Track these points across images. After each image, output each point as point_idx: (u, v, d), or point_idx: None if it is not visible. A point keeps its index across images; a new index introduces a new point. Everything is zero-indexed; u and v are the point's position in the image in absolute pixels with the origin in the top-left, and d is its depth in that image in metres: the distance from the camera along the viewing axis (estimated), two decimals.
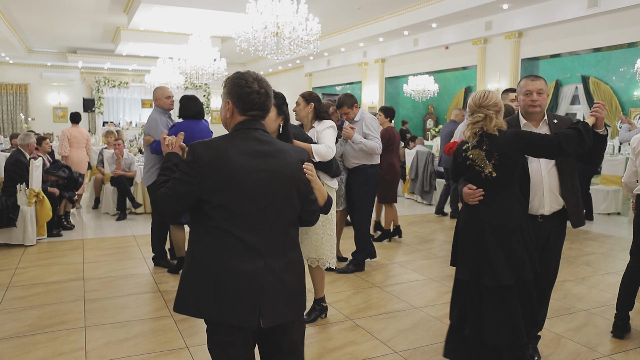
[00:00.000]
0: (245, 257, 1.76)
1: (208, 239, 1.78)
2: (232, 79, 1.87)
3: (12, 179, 5.80)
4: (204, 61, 11.31)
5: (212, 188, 1.75)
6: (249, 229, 1.78)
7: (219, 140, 1.83)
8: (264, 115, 1.91)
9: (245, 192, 1.76)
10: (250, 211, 1.77)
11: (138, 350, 3.23)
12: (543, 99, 2.90)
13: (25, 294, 4.24)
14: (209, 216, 1.78)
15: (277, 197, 1.82)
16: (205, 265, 1.77)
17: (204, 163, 1.75)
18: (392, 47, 13.59)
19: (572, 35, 9.72)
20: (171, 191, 1.80)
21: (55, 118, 18.86)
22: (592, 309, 4.01)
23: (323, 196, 2.05)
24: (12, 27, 13.45)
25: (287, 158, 1.86)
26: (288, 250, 1.87)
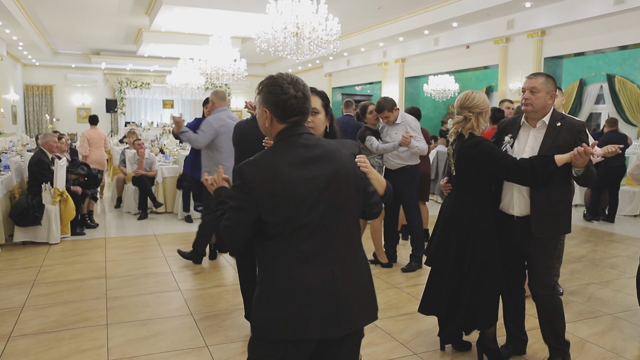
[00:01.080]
0: (315, 267, 1.69)
1: (274, 257, 1.71)
2: (266, 85, 1.75)
3: (36, 179, 5.92)
4: (224, 62, 11.38)
5: (269, 207, 1.66)
6: (314, 238, 1.69)
7: (265, 155, 1.72)
8: (306, 119, 1.80)
9: (304, 203, 1.67)
10: (313, 220, 1.69)
11: (158, 348, 3.26)
12: (536, 98, 2.80)
13: (50, 291, 4.33)
14: (271, 235, 1.70)
15: (338, 199, 1.73)
16: (276, 285, 1.70)
17: (255, 184, 1.66)
18: (412, 47, 13.49)
19: (597, 33, 9.51)
20: (232, 222, 1.70)
21: (79, 119, 19.21)
22: (618, 313, 3.92)
23: (382, 185, 1.96)
24: (39, 30, 13.75)
25: (339, 157, 1.77)
26: (355, 252, 1.80)
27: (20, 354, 3.17)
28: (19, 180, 6.62)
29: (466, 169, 2.92)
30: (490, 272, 2.92)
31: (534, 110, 2.83)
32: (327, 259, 1.71)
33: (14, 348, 3.24)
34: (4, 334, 3.45)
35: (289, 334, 1.68)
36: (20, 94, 17.99)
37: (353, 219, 1.80)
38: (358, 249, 1.83)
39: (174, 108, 20.86)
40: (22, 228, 5.80)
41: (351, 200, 1.77)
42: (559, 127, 2.80)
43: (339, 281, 1.71)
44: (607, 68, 12.35)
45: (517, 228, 2.91)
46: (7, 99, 15.73)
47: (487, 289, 2.95)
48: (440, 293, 3.07)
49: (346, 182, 1.75)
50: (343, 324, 1.71)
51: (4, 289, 4.39)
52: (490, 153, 2.81)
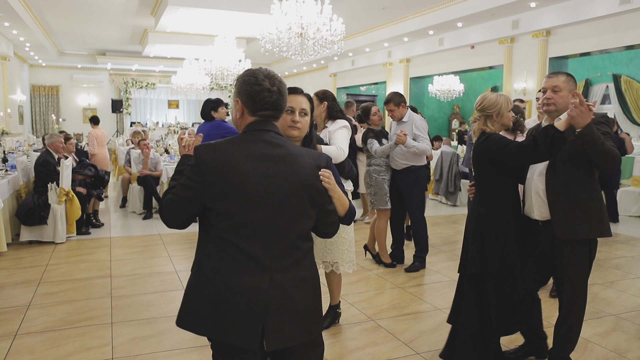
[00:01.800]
0: (249, 270, 1.61)
1: (212, 249, 1.65)
2: (242, 76, 1.72)
3: (42, 179, 5.97)
4: (229, 62, 11.43)
5: (216, 194, 1.61)
6: (254, 240, 1.62)
7: (226, 142, 1.67)
8: (277, 116, 1.74)
9: (250, 199, 1.61)
10: (256, 220, 1.61)
11: (163, 346, 3.29)
12: (559, 97, 2.67)
13: (56, 290, 4.36)
14: (213, 224, 1.64)
15: (287, 205, 1.65)
16: (207, 278, 1.64)
17: (207, 167, 1.61)
18: (417, 47, 13.49)
19: (602, 32, 9.48)
20: (175, 197, 1.67)
21: (85, 119, 19.29)
22: (622, 314, 3.91)
23: (344, 206, 1.83)
24: (45, 30, 13.84)
25: (300, 163, 1.68)
26: (298, 265, 1.69)
27: (26, 351, 3.20)
28: (25, 180, 6.67)
29: (481, 167, 2.90)
30: (506, 275, 2.86)
31: (556, 110, 2.69)
32: (265, 265, 1.62)
33: (20, 346, 3.27)
34: (11, 332, 3.48)
35: (209, 333, 1.63)
36: (27, 94, 18.12)
37: (301, 230, 1.70)
38: (305, 262, 1.71)
39: (179, 108, 20.95)
40: (28, 227, 5.85)
41: (302, 211, 1.68)
42: (596, 123, 2.60)
43: (274, 291, 1.61)
44: (613, 68, 12.31)
45: (543, 233, 2.79)
46: (14, 99, 15.85)
47: (500, 296, 2.88)
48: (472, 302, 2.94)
49: (300, 190, 1.66)
50: (271, 337, 1.60)
51: (11, 287, 4.43)
52: (496, 144, 2.76)
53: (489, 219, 2.85)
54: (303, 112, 2.17)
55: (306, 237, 1.73)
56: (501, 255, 2.83)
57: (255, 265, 1.61)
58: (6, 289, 4.39)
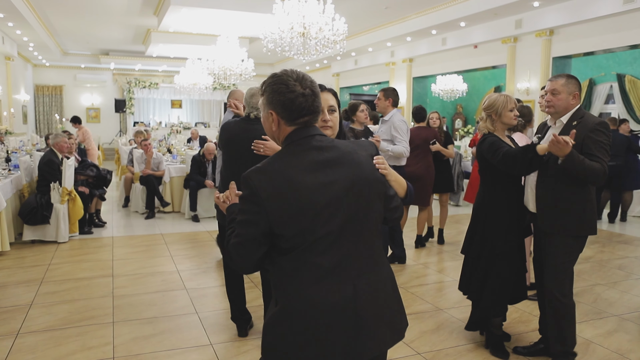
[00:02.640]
0: (331, 284, 1.51)
1: (289, 274, 1.54)
2: (270, 85, 1.57)
3: (45, 178, 5.99)
4: (232, 62, 11.42)
5: (282, 219, 1.48)
6: (332, 253, 1.52)
7: (274, 161, 1.54)
8: (316, 119, 1.61)
9: (320, 213, 1.49)
10: (332, 231, 1.51)
11: (164, 346, 3.29)
12: (557, 100, 2.87)
13: (58, 289, 4.37)
14: (286, 250, 1.52)
15: (358, 207, 1.56)
16: (291, 306, 1.53)
17: (265, 194, 1.48)
18: (420, 47, 13.47)
19: (606, 32, 9.44)
20: (240, 238, 1.53)
21: (89, 118, 19.36)
22: (624, 315, 3.89)
23: (402, 186, 1.79)
24: (49, 30, 13.88)
25: (356, 159, 1.59)
26: (378, 264, 1.63)
27: (28, 350, 3.21)
28: (28, 179, 6.69)
29: (481, 164, 3.15)
30: (496, 261, 3.07)
31: (556, 112, 2.91)
32: (347, 274, 1.54)
33: (22, 345, 3.28)
34: (12, 330, 3.49)
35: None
36: (30, 94, 18.18)
37: (375, 227, 1.63)
38: (381, 260, 1.65)
39: (182, 108, 20.99)
40: (31, 227, 5.87)
41: (372, 206, 1.61)
42: (574, 125, 2.81)
43: (362, 298, 1.54)
44: (617, 67, 12.25)
45: (535, 224, 3.05)
46: (18, 99, 15.90)
47: (492, 278, 3.10)
48: (468, 276, 3.28)
49: (367, 187, 1.58)
50: (368, 346, 1.55)
51: (13, 286, 4.44)
52: (489, 147, 3.01)
53: (491, 208, 3.10)
54: (332, 109, 2.05)
55: (379, 232, 1.67)
56: (503, 240, 3.05)
57: (339, 276, 1.53)
58: (9, 288, 4.41)
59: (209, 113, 21.12)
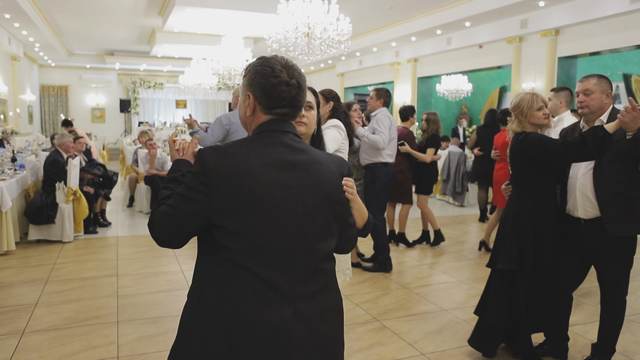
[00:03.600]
0: (269, 301, 1.34)
1: (220, 274, 1.35)
2: (255, 66, 1.44)
3: (51, 178, 6.01)
4: (237, 62, 11.45)
5: (227, 209, 1.33)
6: (275, 265, 1.35)
7: (237, 145, 1.39)
8: (295, 114, 1.47)
9: (270, 215, 1.34)
10: (276, 241, 1.35)
11: (167, 345, 3.29)
12: (591, 99, 2.80)
13: (63, 289, 4.39)
14: (222, 245, 1.35)
15: (311, 223, 1.40)
16: (215, 309, 1.34)
17: (216, 175, 1.33)
18: (425, 47, 13.44)
19: (613, 31, 9.39)
20: (173, 210, 1.36)
21: (94, 118, 19.46)
22: (630, 316, 3.87)
23: (363, 217, 1.61)
24: (54, 31, 13.95)
25: (324, 172, 1.43)
26: (323, 292, 1.44)
27: (33, 349, 3.22)
28: (33, 179, 6.72)
29: (520, 166, 2.93)
30: (542, 273, 2.92)
31: (590, 112, 2.82)
32: (288, 294, 1.35)
33: (27, 344, 3.30)
34: (18, 329, 3.51)
35: None
36: (36, 94, 18.28)
37: (326, 251, 1.45)
38: (330, 287, 1.47)
39: (186, 108, 21.04)
40: (36, 226, 5.89)
41: (327, 228, 1.44)
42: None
43: (299, 325, 1.36)
44: (623, 67, 12.19)
45: (585, 231, 2.84)
46: (24, 99, 15.98)
47: (539, 291, 2.95)
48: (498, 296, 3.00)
49: (326, 204, 1.42)
50: None
51: (19, 285, 4.46)
52: (536, 142, 2.79)
53: (527, 217, 2.88)
54: (308, 106, 1.89)
55: (331, 257, 1.48)
56: (539, 253, 2.87)
57: (276, 294, 1.34)
58: (14, 287, 4.43)
59: (214, 113, 21.17)
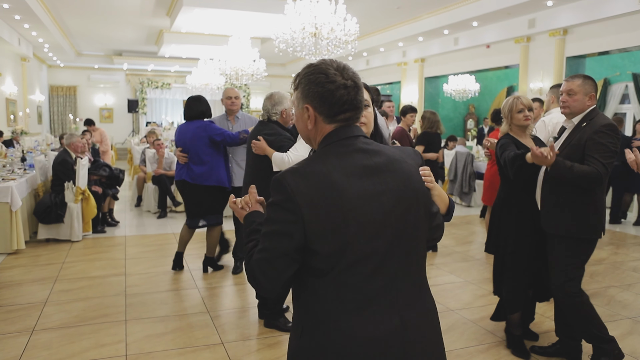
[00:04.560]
0: (374, 315, 1.27)
1: (323, 300, 1.28)
2: (306, 75, 1.34)
3: (59, 178, 6.06)
4: (244, 62, 11.47)
5: (322, 232, 1.23)
6: (376, 275, 1.28)
7: (313, 162, 1.30)
8: (358, 116, 1.37)
9: (366, 227, 1.26)
10: (374, 252, 1.27)
11: (175, 344, 3.32)
12: (573, 100, 2.85)
13: (72, 287, 4.43)
14: (319, 271, 1.28)
15: (407, 224, 1.32)
16: (325, 339, 1.28)
17: (303, 198, 1.23)
18: (432, 47, 13.42)
19: (621, 31, 9.33)
20: (269, 254, 1.26)
21: (102, 118, 19.55)
22: (638, 317, 3.85)
23: (445, 202, 1.57)
24: (63, 32, 14.05)
25: (405, 169, 1.36)
26: (424, 294, 1.40)
27: (43, 347, 3.25)
28: (43, 179, 6.78)
29: (497, 164, 3.26)
30: (511, 259, 3.14)
31: (571, 113, 2.91)
32: (394, 303, 1.30)
33: (37, 341, 3.33)
34: (28, 327, 3.54)
35: None
36: (45, 94, 18.42)
37: (423, 248, 1.40)
38: (426, 287, 1.43)
39: None
40: (45, 225, 5.95)
41: (420, 224, 1.37)
42: (584, 127, 2.82)
43: (411, 333, 1.31)
44: (632, 67, 12.09)
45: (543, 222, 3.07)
46: (33, 99, 16.11)
47: (507, 276, 3.17)
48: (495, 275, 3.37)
49: (415, 200, 1.35)
50: None
51: (28, 284, 4.50)
52: (499, 148, 3.14)
53: (502, 207, 3.20)
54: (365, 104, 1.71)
55: (424, 255, 1.42)
56: (515, 238, 3.10)
57: (383, 305, 1.29)
58: (24, 285, 4.47)
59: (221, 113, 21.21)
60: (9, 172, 6.22)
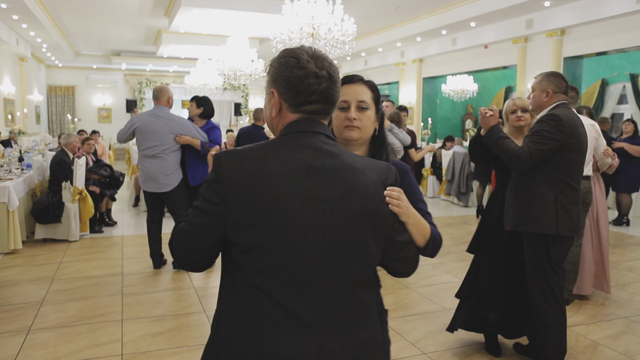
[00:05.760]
0: (289, 333, 1.15)
1: (236, 300, 1.19)
2: (278, 58, 1.25)
3: (57, 178, 6.07)
4: (242, 62, 11.49)
5: (242, 222, 1.14)
6: (296, 289, 1.15)
7: (256, 147, 1.20)
8: (328, 111, 1.26)
9: (290, 229, 1.14)
10: (298, 261, 1.15)
11: (171, 344, 3.32)
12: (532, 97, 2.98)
13: (68, 287, 4.43)
14: (237, 264, 1.18)
15: (342, 240, 1.18)
16: (228, 341, 1.19)
17: (230, 182, 1.15)
18: (430, 47, 13.43)
19: (619, 31, 9.35)
20: (189, 226, 1.21)
21: (100, 118, 19.56)
22: (633, 317, 3.86)
23: (422, 233, 1.37)
24: (62, 32, 14.05)
25: (360, 180, 1.21)
26: (356, 324, 1.22)
27: (39, 346, 3.26)
28: (40, 178, 6.78)
29: None
30: (486, 257, 3.13)
31: (533, 110, 3.01)
32: (312, 325, 1.15)
33: (33, 341, 3.34)
34: (24, 327, 3.55)
35: None
36: (43, 94, 18.41)
37: (361, 274, 1.23)
38: (365, 319, 1.25)
39: None
40: (42, 225, 5.95)
41: (363, 246, 1.21)
42: (536, 122, 2.89)
43: None
44: (630, 67, 12.13)
45: None
46: (31, 99, 16.10)
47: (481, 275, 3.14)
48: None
49: (361, 218, 1.20)
50: None
51: (25, 284, 4.51)
52: None
53: (487, 206, 3.27)
54: (361, 106, 1.60)
55: (367, 283, 1.26)
56: (490, 235, 3.11)
57: (297, 325, 1.15)
58: (21, 285, 4.48)
59: (219, 113, 21.22)
60: (7, 172, 6.23)
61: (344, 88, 1.64)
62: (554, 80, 2.89)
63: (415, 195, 1.50)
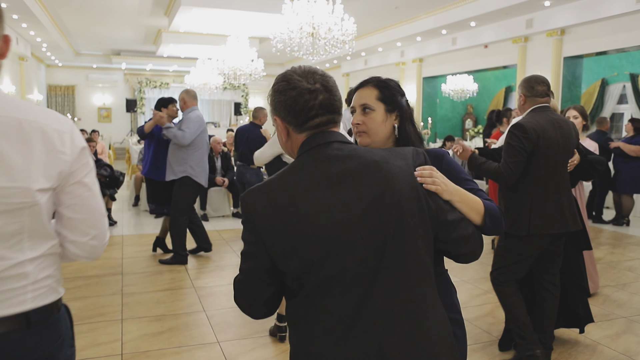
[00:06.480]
0: (346, 340, 1.15)
1: (296, 322, 1.23)
2: (272, 86, 1.28)
3: None
4: (242, 62, 11.49)
5: (284, 251, 1.16)
6: (348, 296, 1.15)
7: (276, 178, 1.21)
8: (335, 120, 1.26)
9: (330, 243, 1.14)
10: (346, 269, 1.15)
11: (171, 343, 3.33)
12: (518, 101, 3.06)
13: (69, 286, 4.42)
14: (292, 291, 1.22)
15: (386, 235, 1.16)
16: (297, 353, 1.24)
17: (261, 219, 1.17)
18: (430, 47, 13.43)
19: (619, 31, 9.35)
20: (243, 275, 1.24)
21: (100, 118, 19.56)
22: (633, 317, 3.86)
23: (475, 209, 1.32)
24: (62, 31, 14.04)
25: (385, 170, 1.19)
26: (422, 316, 1.19)
27: None
28: None
29: None
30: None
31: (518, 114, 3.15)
32: (370, 326, 1.15)
33: None
34: None
35: None
36: (43, 94, 18.40)
37: (417, 264, 1.20)
38: (428, 310, 1.21)
39: None
40: None
41: (412, 235, 1.19)
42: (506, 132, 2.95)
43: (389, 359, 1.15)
44: (630, 67, 12.13)
45: None
46: (31, 99, 16.09)
47: None
48: None
49: (397, 208, 1.17)
50: None
51: None
52: None
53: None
54: (365, 109, 1.58)
55: (425, 272, 1.22)
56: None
57: (357, 328, 1.15)
58: None
59: (219, 113, 21.24)
60: None
61: (354, 95, 1.68)
62: (526, 84, 2.95)
63: (459, 175, 1.43)
